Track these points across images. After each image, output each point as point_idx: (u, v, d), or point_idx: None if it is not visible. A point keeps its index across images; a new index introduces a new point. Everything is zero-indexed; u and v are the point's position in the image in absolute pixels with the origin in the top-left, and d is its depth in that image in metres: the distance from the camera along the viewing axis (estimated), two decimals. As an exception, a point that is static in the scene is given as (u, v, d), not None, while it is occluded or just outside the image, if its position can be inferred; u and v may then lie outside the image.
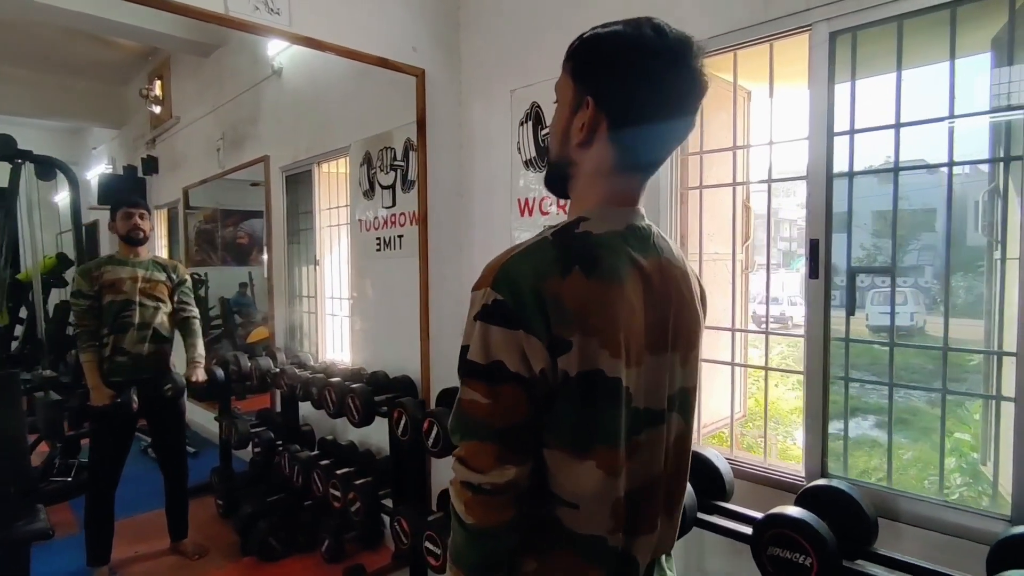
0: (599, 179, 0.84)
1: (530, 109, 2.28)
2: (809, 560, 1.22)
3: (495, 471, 0.75)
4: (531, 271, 0.76)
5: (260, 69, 3.55)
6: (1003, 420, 1.58)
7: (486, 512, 0.76)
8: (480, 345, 0.76)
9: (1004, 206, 1.45)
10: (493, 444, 0.76)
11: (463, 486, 0.77)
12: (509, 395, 0.75)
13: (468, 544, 0.79)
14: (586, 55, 0.84)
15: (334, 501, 2.57)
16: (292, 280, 3.77)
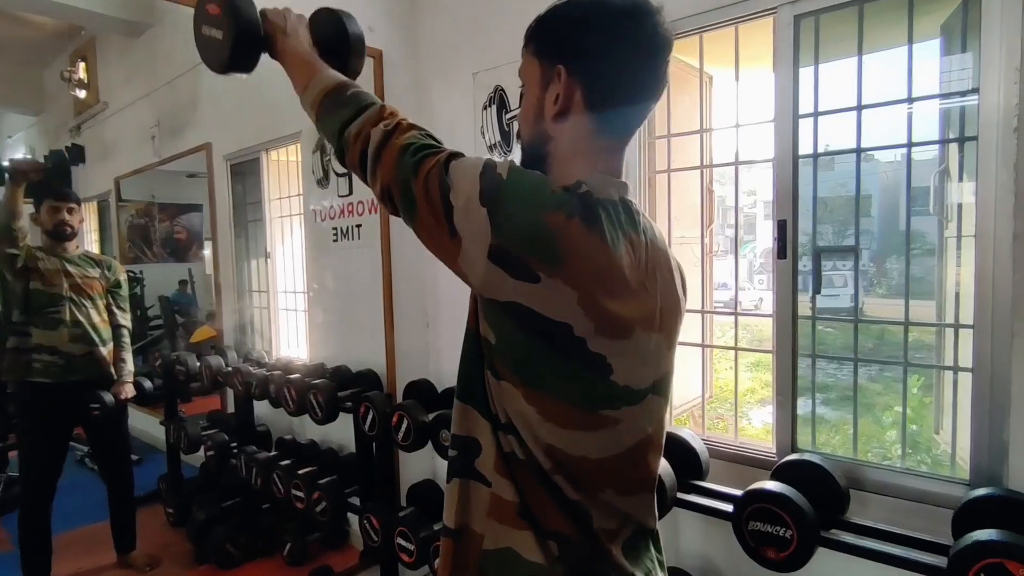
0: (580, 149, 0.82)
1: (494, 92, 2.24)
2: (789, 532, 1.24)
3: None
4: (547, 196, 0.74)
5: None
6: (960, 390, 1.67)
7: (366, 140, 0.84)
8: (461, 170, 0.75)
9: (961, 186, 1.52)
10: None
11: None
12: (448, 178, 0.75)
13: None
14: (550, 27, 0.83)
15: (297, 502, 2.48)
16: (241, 274, 3.61)
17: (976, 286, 1.37)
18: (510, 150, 2.20)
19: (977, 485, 1.37)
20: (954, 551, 1.09)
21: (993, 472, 1.36)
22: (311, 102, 0.94)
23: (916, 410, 4.47)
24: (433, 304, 2.54)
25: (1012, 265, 1.30)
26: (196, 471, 3.30)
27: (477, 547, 0.81)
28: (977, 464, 1.38)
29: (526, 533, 0.78)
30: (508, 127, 2.20)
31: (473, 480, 0.81)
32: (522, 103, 0.89)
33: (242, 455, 2.80)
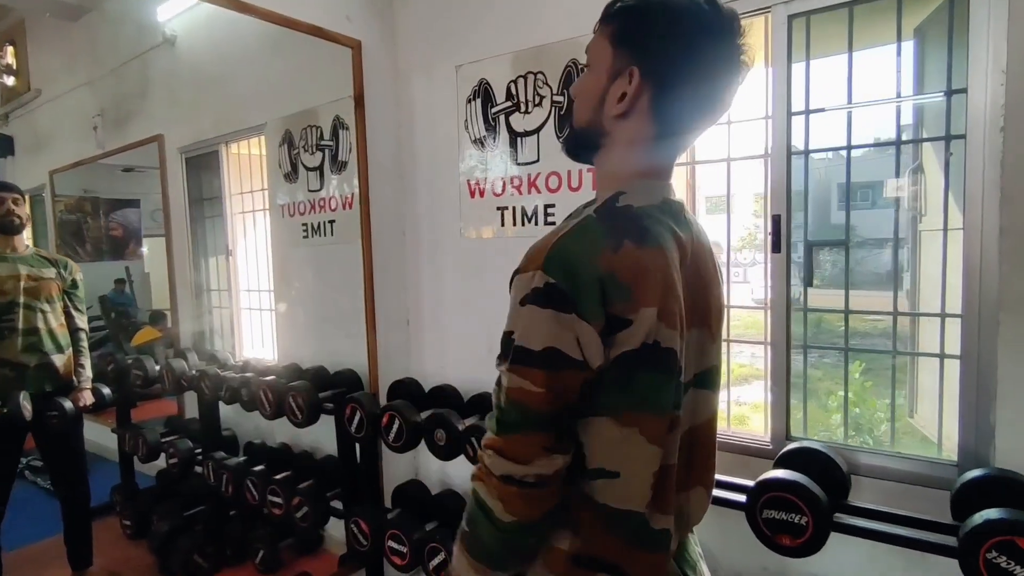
0: (634, 152, 0.82)
1: (478, 86, 2.20)
2: (804, 519, 1.28)
3: (542, 461, 0.72)
4: (583, 250, 0.72)
5: (148, 36, 3.17)
6: (930, 376, 1.75)
7: (529, 506, 0.73)
8: (531, 330, 0.72)
9: (947, 183, 1.59)
10: (543, 433, 0.72)
11: (503, 481, 0.72)
12: (562, 381, 0.72)
13: (501, 542, 0.75)
14: (636, 22, 0.79)
15: (274, 508, 2.38)
16: (199, 273, 3.43)
17: (964, 278, 1.44)
18: (496, 144, 2.17)
19: (966, 466, 1.45)
20: (964, 531, 1.15)
21: (980, 453, 1.43)
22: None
23: (859, 394, 4.71)
24: (415, 302, 2.49)
25: (998, 257, 1.37)
26: (152, 480, 3.13)
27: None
28: (966, 445, 1.46)
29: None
30: (494, 121, 2.17)
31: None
32: (583, 80, 0.86)
33: (209, 461, 2.68)
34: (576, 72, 1.96)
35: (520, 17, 2.07)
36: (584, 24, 1.91)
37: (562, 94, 2.00)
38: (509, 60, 2.12)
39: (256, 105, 3.05)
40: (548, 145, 2.04)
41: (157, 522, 2.82)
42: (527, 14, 2.05)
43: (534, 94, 2.06)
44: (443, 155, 2.32)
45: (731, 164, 1.82)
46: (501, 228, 2.18)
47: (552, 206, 2.05)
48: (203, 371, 2.68)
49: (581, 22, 1.93)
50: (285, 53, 2.84)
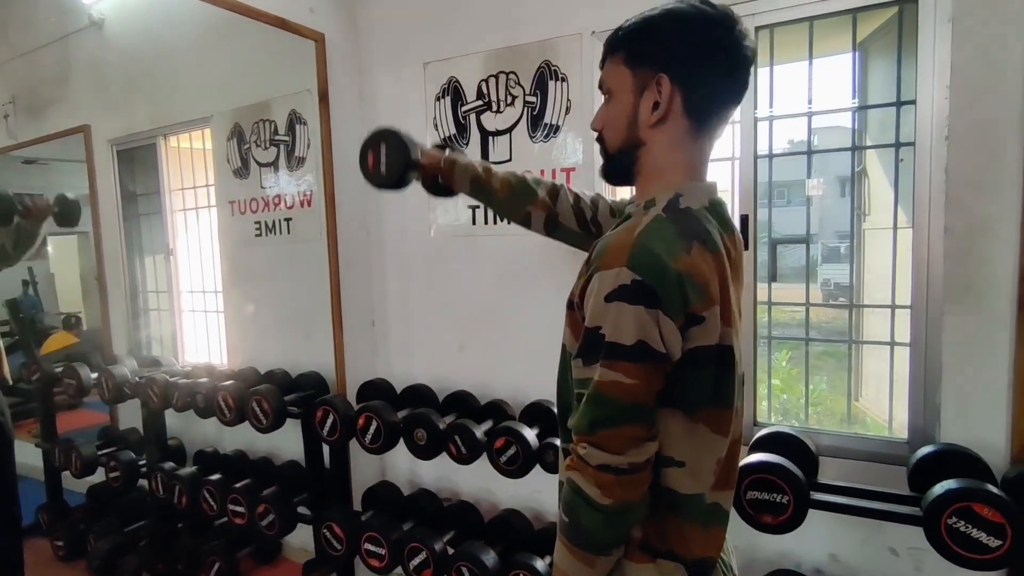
0: (675, 152, 0.87)
1: (447, 84, 2.19)
2: (786, 498, 1.38)
3: (635, 450, 0.76)
4: (665, 250, 0.76)
5: (69, 19, 2.95)
6: (870, 362, 1.92)
7: (627, 490, 0.76)
8: (621, 325, 0.75)
9: (896, 184, 1.74)
10: (636, 425, 0.76)
11: (601, 469, 0.76)
12: (651, 373, 0.75)
13: (606, 525, 0.78)
14: (649, 37, 0.86)
15: (235, 518, 2.29)
16: (133, 274, 3.23)
17: (913, 272, 1.59)
18: (466, 142, 2.17)
19: (915, 443, 1.60)
20: (927, 501, 1.27)
21: (928, 431, 1.59)
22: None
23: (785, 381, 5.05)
24: (380, 302, 2.45)
25: (943, 254, 1.52)
26: (82, 498, 2.93)
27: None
28: (915, 424, 1.61)
29: (646, 567, 0.83)
30: (465, 120, 2.17)
31: None
32: (606, 110, 0.91)
33: (158, 473, 2.54)
34: (549, 74, 2.00)
35: (491, 17, 2.08)
36: (558, 26, 1.95)
37: (535, 95, 2.03)
38: (480, 59, 2.12)
39: (200, 96, 2.90)
40: (521, 144, 2.07)
41: (95, 541, 2.65)
42: (498, 14, 2.07)
43: (506, 94, 2.08)
44: (411, 153, 2.30)
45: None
46: (472, 226, 2.19)
47: (525, 205, 2.08)
48: (150, 377, 2.53)
49: (555, 24, 1.97)
50: (233, 42, 2.72)
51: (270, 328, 2.71)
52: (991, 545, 1.20)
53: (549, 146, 2.02)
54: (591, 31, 1.91)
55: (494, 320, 2.18)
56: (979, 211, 1.48)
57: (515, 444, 1.73)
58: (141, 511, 2.80)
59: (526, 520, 2.05)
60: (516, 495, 2.17)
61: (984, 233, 1.48)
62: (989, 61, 1.44)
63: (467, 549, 1.84)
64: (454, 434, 1.84)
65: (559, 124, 1.99)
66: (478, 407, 2.09)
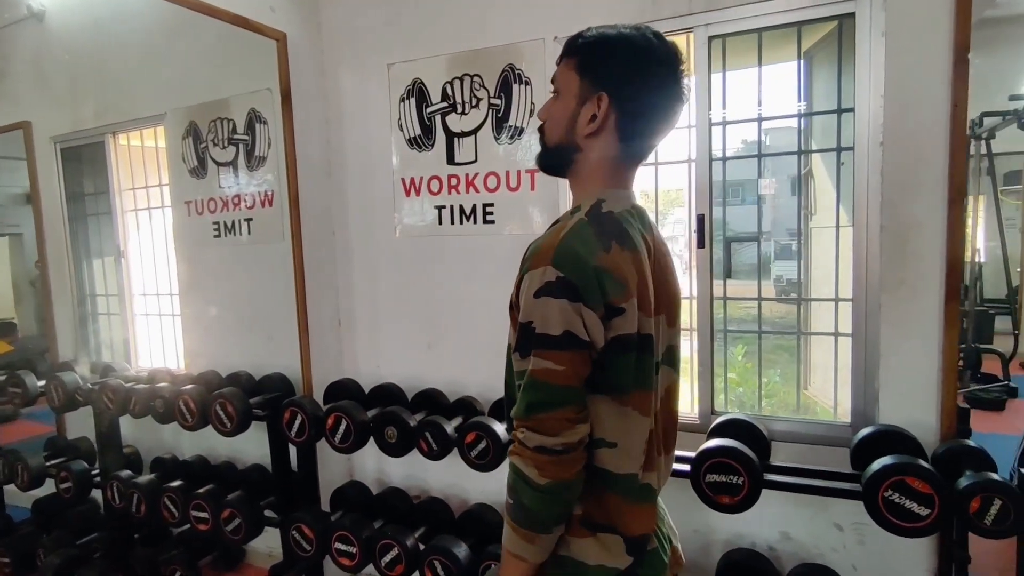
0: (604, 166, 0.96)
1: (412, 85, 2.22)
2: (741, 479, 1.47)
3: (568, 431, 0.83)
4: (585, 250, 0.85)
5: (5, 9, 2.84)
6: (814, 351, 2.05)
7: (560, 470, 0.84)
8: (549, 318, 0.83)
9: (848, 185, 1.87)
10: (568, 408, 0.84)
11: (537, 451, 0.83)
12: (578, 360, 0.84)
13: (545, 503, 0.85)
14: (601, 54, 0.92)
15: (199, 524, 2.26)
16: (80, 277, 3.13)
17: (853, 268, 1.72)
18: (431, 144, 2.20)
19: (858, 425, 1.73)
20: (866, 477, 1.39)
21: (868, 413, 1.72)
22: (526, 544, 0.89)
23: (742, 375, 5.24)
24: (346, 303, 2.45)
25: (880, 250, 1.65)
26: (26, 512, 2.83)
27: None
28: (856, 408, 1.74)
29: (587, 540, 0.91)
30: (430, 121, 2.20)
31: None
32: (552, 105, 0.98)
33: (114, 482, 2.47)
34: (513, 77, 2.05)
35: (455, 20, 2.12)
36: (522, 31, 2.01)
37: (499, 97, 2.08)
38: (444, 61, 2.16)
39: (152, 93, 2.83)
40: (486, 146, 2.12)
41: (45, 556, 2.56)
42: (462, 17, 2.11)
43: (471, 96, 2.12)
44: (375, 153, 2.31)
45: (658, 168, 2.01)
46: (439, 227, 2.22)
47: (491, 205, 2.13)
48: (105, 383, 2.46)
49: (518, 28, 2.02)
50: (188, 39, 2.67)
51: (231, 331, 2.67)
52: (922, 514, 1.32)
53: (514, 147, 2.07)
54: (554, 36, 1.98)
55: (462, 318, 2.22)
56: (910, 211, 1.61)
57: (485, 439, 1.78)
58: (93, 523, 2.72)
59: (496, 513, 2.10)
60: (486, 489, 2.22)
61: (915, 231, 1.61)
62: (918, 73, 1.57)
63: (439, 543, 1.88)
64: (425, 431, 1.87)
65: (523, 126, 2.05)
66: (447, 404, 2.13)
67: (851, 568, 1.74)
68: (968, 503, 1.28)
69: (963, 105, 1.53)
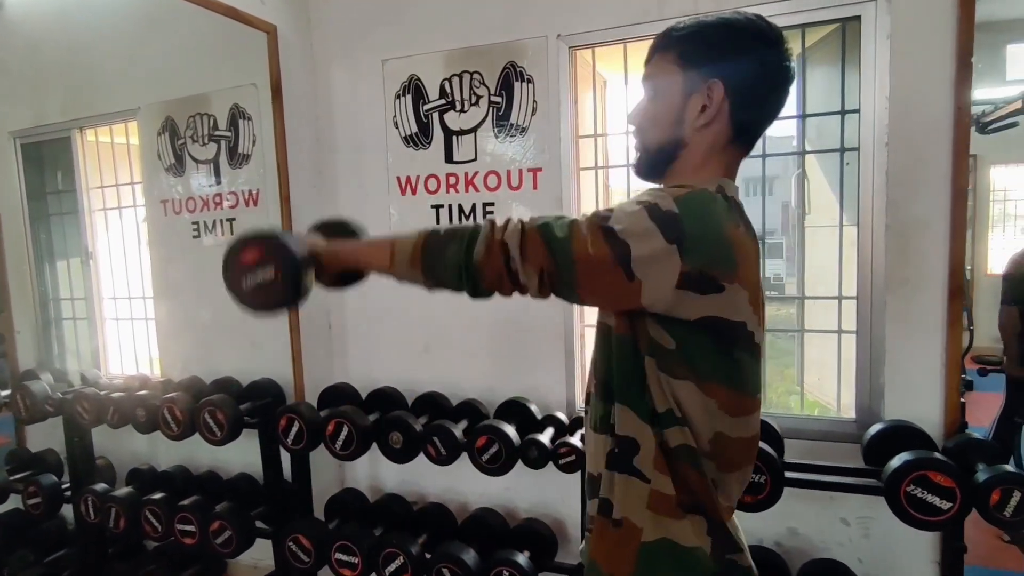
0: (714, 155, 0.90)
1: (408, 82, 2.16)
2: (764, 478, 1.47)
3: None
4: (718, 212, 0.80)
5: None
6: (810, 350, 2.08)
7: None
8: (626, 222, 0.75)
9: (844, 187, 1.90)
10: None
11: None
12: (613, 248, 0.75)
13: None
14: (703, 42, 0.87)
15: (185, 538, 2.14)
16: (43, 280, 2.96)
17: (858, 266, 1.75)
18: (429, 142, 2.15)
19: (862, 421, 1.76)
20: (887, 472, 1.40)
21: (873, 409, 1.75)
22: (407, 264, 0.89)
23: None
24: (337, 305, 2.37)
25: (885, 249, 1.69)
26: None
27: (636, 539, 0.86)
28: (861, 404, 1.77)
29: (683, 523, 0.86)
30: (427, 118, 2.15)
31: (632, 476, 0.87)
32: (646, 107, 0.93)
33: (89, 496, 2.34)
34: (515, 75, 2.02)
35: (453, 16, 2.07)
36: (524, 28, 1.98)
37: (500, 95, 2.04)
38: (442, 58, 2.11)
39: (124, 87, 2.69)
40: (487, 144, 2.08)
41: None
42: (460, 13, 2.06)
43: (470, 93, 2.08)
44: (369, 151, 2.25)
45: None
46: (436, 225, 2.17)
47: (491, 204, 2.09)
48: (79, 392, 2.33)
49: (520, 26, 1.99)
50: (164, 31, 2.55)
51: (212, 335, 2.55)
52: (943, 508, 1.35)
53: (516, 146, 2.04)
54: (557, 34, 1.95)
55: (460, 320, 2.17)
56: (914, 211, 1.65)
57: (497, 442, 1.74)
58: (61, 539, 2.57)
59: (500, 517, 2.06)
60: (486, 493, 2.17)
61: (919, 230, 1.65)
62: (923, 76, 1.61)
63: (446, 550, 1.83)
64: (432, 435, 1.82)
65: (526, 125, 2.02)
66: (450, 408, 2.08)
67: (857, 561, 1.77)
68: (989, 496, 1.31)
69: (966, 108, 1.57)
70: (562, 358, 2.04)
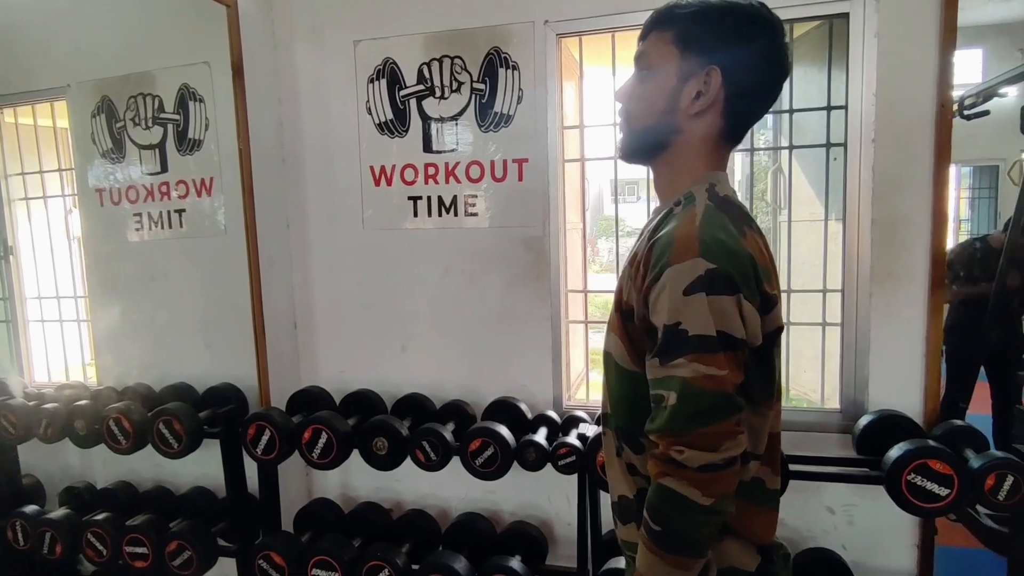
0: (707, 147, 0.87)
1: (383, 65, 2.04)
2: (768, 472, 1.47)
3: (731, 443, 0.74)
4: (729, 236, 0.77)
5: None
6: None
7: (725, 485, 0.75)
8: (703, 317, 0.73)
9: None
10: (732, 417, 0.74)
11: (702, 470, 0.73)
12: (737, 362, 0.75)
13: (704, 524, 0.76)
14: (707, 25, 0.83)
15: (136, 561, 1.95)
16: (-50, 278, 2.65)
17: (843, 260, 1.78)
18: (406, 129, 2.04)
19: (847, 412, 1.80)
20: (888, 462, 1.43)
21: (858, 399, 1.79)
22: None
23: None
24: (303, 303, 2.21)
25: (871, 243, 1.72)
26: None
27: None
28: (846, 395, 1.81)
29: (738, 546, 0.84)
30: (403, 105, 2.03)
31: None
32: (638, 85, 0.89)
33: (17, 519, 2.10)
34: (499, 61, 1.93)
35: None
36: (509, 13, 1.89)
37: (483, 82, 1.95)
38: (420, 41, 2.00)
39: (51, 63, 2.42)
40: (469, 133, 1.98)
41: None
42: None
43: (451, 79, 1.98)
44: (339, 138, 2.10)
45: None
46: (415, 219, 2.06)
47: (474, 196, 2.01)
48: (4, 404, 2.08)
49: (505, 10, 1.91)
50: (97, 1, 2.32)
51: (160, 337, 2.34)
52: (942, 494, 1.39)
53: (500, 136, 1.96)
54: (544, 20, 1.88)
55: (440, 317, 2.07)
56: (899, 205, 1.69)
57: (493, 445, 1.66)
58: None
59: (487, 522, 1.98)
60: (468, 497, 2.09)
61: (904, 224, 1.69)
62: (908, 73, 1.65)
63: (435, 559, 1.74)
64: (421, 440, 1.72)
65: (511, 113, 1.94)
66: (435, 410, 1.98)
67: (841, 548, 1.81)
68: (984, 481, 1.36)
69: (949, 105, 1.62)
70: (548, 355, 1.98)
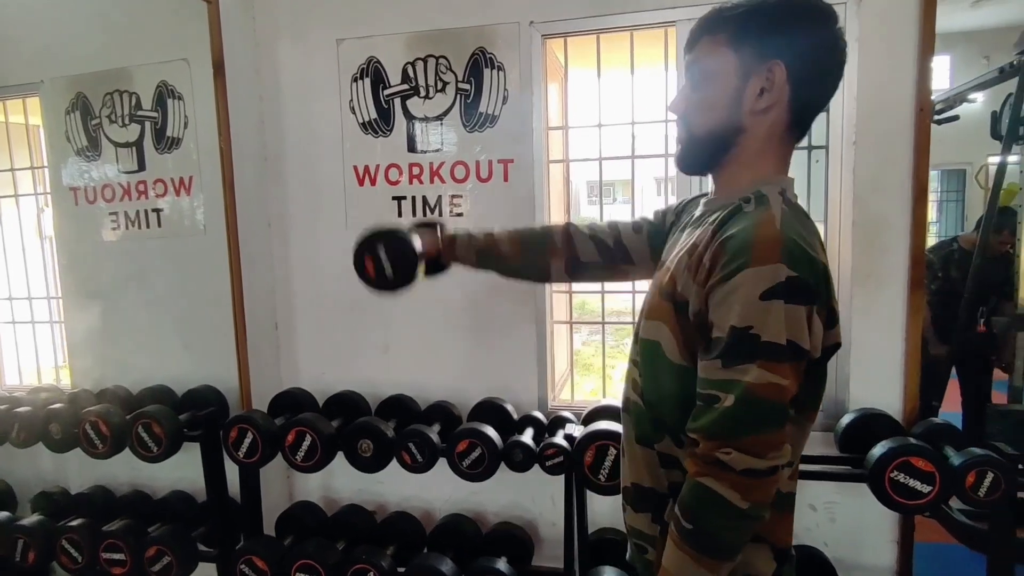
0: (773, 146, 0.86)
1: (367, 64, 2.02)
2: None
3: (776, 452, 0.74)
4: (808, 244, 0.76)
5: None
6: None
7: (765, 492, 0.75)
8: (777, 324, 0.72)
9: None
10: (783, 427, 0.74)
11: (745, 474, 0.73)
12: (798, 374, 0.75)
13: (741, 528, 0.76)
14: (761, 21, 0.82)
15: (113, 568, 1.90)
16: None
17: (825, 260, 1.81)
18: (390, 129, 2.02)
19: (828, 410, 1.82)
20: (871, 460, 1.45)
21: (839, 398, 1.82)
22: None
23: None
24: (284, 303, 2.18)
25: (852, 244, 1.75)
26: None
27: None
28: (827, 394, 1.82)
29: (759, 551, 0.85)
30: (388, 104, 2.01)
31: None
32: (695, 93, 0.88)
33: (-12, 529, 2.03)
34: (484, 62, 1.93)
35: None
36: (495, 13, 1.88)
37: (468, 82, 1.94)
38: (405, 40, 1.98)
39: (22, 58, 2.36)
40: (454, 133, 1.97)
41: None
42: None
43: (436, 79, 1.97)
44: (322, 137, 2.08)
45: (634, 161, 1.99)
46: (399, 219, 2.04)
47: (459, 196, 2.00)
48: (-26, 410, 2.01)
49: (491, 10, 1.91)
50: (71, -6, 2.27)
51: (138, 339, 2.28)
52: (924, 491, 1.41)
53: (486, 136, 1.95)
54: (530, 21, 1.88)
55: (424, 317, 2.06)
56: (879, 208, 1.72)
57: (480, 446, 1.65)
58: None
59: (473, 523, 1.97)
60: (452, 499, 2.08)
61: (884, 227, 1.72)
62: (889, 78, 1.68)
63: (421, 562, 1.72)
64: (407, 441, 1.70)
65: (496, 114, 1.93)
66: (420, 412, 1.96)
67: (823, 545, 1.83)
68: (965, 478, 1.39)
69: (927, 109, 1.65)
70: (534, 355, 1.98)
